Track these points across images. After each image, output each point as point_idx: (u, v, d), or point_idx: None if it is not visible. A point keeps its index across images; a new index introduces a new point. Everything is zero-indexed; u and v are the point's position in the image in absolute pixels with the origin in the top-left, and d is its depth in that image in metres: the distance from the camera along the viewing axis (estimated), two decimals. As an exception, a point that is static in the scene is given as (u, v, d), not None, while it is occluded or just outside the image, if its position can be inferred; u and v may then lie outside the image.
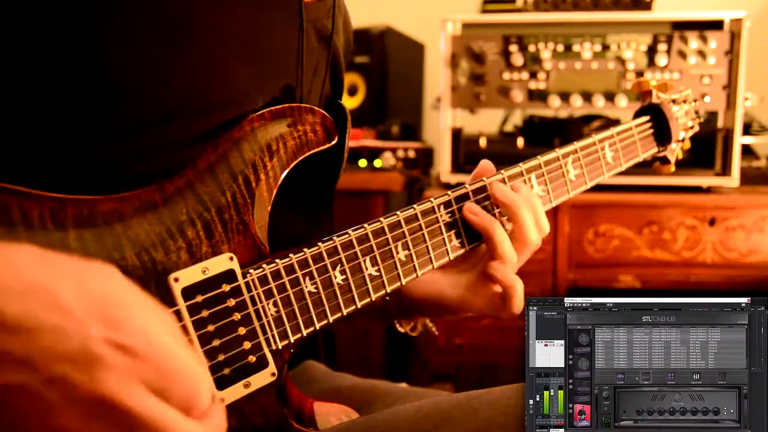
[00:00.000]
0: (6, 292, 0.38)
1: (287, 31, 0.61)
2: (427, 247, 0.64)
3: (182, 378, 0.42)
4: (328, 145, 0.60)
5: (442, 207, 0.66)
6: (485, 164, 0.72)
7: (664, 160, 0.90)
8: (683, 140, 0.91)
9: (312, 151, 0.59)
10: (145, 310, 0.43)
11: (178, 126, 0.54)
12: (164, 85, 0.53)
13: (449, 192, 0.67)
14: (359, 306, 0.60)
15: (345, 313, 0.59)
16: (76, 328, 0.39)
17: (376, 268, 0.61)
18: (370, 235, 0.61)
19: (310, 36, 0.63)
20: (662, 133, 0.86)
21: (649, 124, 0.85)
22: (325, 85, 0.67)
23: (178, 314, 0.51)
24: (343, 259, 0.59)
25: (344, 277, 0.59)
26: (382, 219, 0.62)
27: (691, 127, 0.91)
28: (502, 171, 0.70)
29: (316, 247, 0.58)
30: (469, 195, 0.68)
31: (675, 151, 0.90)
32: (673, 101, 0.87)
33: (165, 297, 0.50)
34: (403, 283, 0.63)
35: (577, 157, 0.75)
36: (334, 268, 0.58)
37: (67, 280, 0.40)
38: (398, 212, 0.63)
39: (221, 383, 0.53)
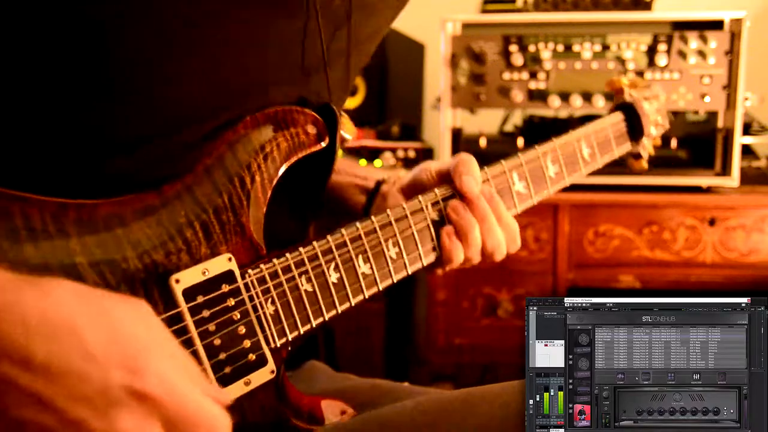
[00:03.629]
0: (35, 332, 0.39)
1: (292, 26, 0.60)
2: (416, 244, 0.65)
3: (203, 425, 0.43)
4: (318, 147, 0.61)
5: (430, 205, 0.67)
6: (462, 164, 0.69)
7: (637, 156, 0.93)
8: (655, 137, 0.94)
9: (304, 153, 0.60)
10: (169, 356, 0.43)
11: (188, 132, 0.54)
12: (173, 93, 0.53)
13: (436, 191, 0.68)
14: (353, 303, 0.61)
15: (340, 311, 0.60)
16: (97, 374, 0.40)
17: (368, 266, 0.62)
18: (363, 235, 0.62)
19: (317, 37, 0.62)
20: (635, 129, 0.89)
21: (623, 122, 0.88)
22: (334, 84, 0.67)
23: (179, 315, 0.51)
24: (337, 259, 0.60)
25: (339, 275, 0.60)
26: (373, 218, 0.63)
27: (662, 124, 0.95)
28: (486, 169, 0.71)
29: (311, 247, 0.58)
30: (456, 193, 0.68)
31: (647, 147, 0.93)
32: (645, 99, 0.90)
33: (166, 298, 0.51)
34: (395, 280, 0.64)
35: (556, 155, 0.77)
36: (328, 268, 0.59)
37: (96, 323, 0.41)
38: (389, 211, 0.64)
39: (222, 382, 0.53)
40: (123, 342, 0.41)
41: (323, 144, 0.61)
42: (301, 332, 0.57)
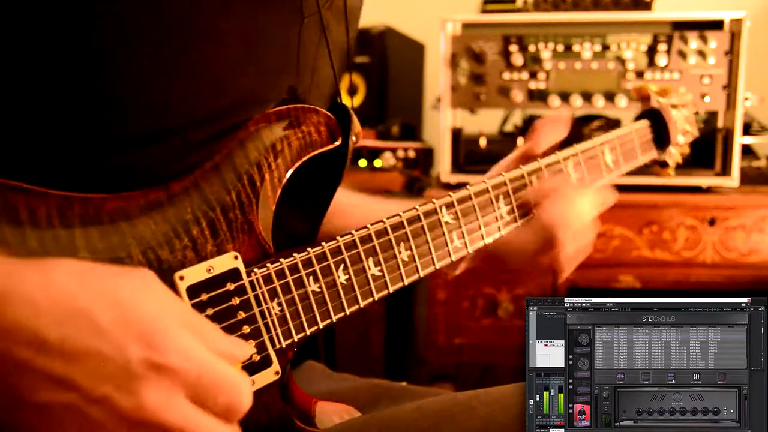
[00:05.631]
0: (45, 316, 0.39)
1: (288, 27, 0.61)
2: (429, 247, 0.65)
3: (223, 388, 0.44)
4: (331, 146, 0.61)
5: (444, 208, 0.66)
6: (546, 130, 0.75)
7: (663, 164, 0.91)
8: (682, 145, 0.91)
9: (316, 152, 0.59)
10: (181, 324, 0.44)
11: (187, 133, 0.54)
12: (171, 94, 0.53)
13: (451, 194, 0.67)
14: (362, 306, 0.60)
15: (348, 313, 0.59)
16: (115, 352, 0.40)
17: (378, 268, 0.61)
18: (373, 236, 0.61)
19: (311, 30, 0.63)
20: (661, 137, 0.86)
21: (648, 129, 0.86)
22: (326, 77, 0.67)
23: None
24: (347, 259, 0.59)
25: (347, 276, 0.59)
26: (384, 219, 0.62)
27: (690, 132, 0.92)
28: (503, 173, 0.70)
29: (319, 247, 0.58)
30: (471, 197, 0.68)
31: (674, 155, 0.90)
32: (673, 106, 0.88)
33: None
34: (406, 283, 0.63)
35: (578, 160, 0.76)
36: (337, 268, 0.59)
37: (103, 300, 0.41)
38: (401, 213, 0.63)
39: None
40: (134, 316, 0.41)
41: (336, 143, 0.61)
42: (308, 333, 0.57)
